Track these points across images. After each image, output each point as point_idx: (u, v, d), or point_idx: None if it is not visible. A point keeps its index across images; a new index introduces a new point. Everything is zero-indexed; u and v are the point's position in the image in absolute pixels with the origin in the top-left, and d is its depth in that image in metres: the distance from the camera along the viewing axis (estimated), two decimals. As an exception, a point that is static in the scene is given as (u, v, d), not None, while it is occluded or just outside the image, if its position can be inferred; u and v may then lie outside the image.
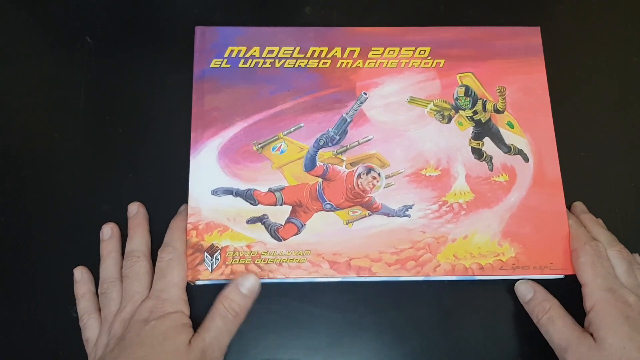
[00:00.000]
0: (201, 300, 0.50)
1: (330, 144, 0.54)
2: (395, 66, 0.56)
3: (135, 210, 0.53)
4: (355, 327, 0.52)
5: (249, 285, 0.49)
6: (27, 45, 0.60)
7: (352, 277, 0.51)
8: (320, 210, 0.52)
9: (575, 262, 0.50)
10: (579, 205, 0.55)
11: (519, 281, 0.52)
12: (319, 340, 0.52)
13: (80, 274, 0.52)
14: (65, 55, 0.59)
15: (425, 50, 0.57)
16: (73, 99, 0.58)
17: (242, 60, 0.56)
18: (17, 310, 0.52)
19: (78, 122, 0.57)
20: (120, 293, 0.49)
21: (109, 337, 0.47)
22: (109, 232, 0.52)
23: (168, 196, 0.54)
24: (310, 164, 0.53)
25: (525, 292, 0.51)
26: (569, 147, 0.56)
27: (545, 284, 0.52)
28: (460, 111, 0.55)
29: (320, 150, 0.54)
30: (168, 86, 0.58)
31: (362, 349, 0.52)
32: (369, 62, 0.56)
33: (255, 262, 0.50)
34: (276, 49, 0.56)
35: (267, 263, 0.50)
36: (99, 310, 0.50)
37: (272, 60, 0.56)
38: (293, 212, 0.52)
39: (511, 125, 0.55)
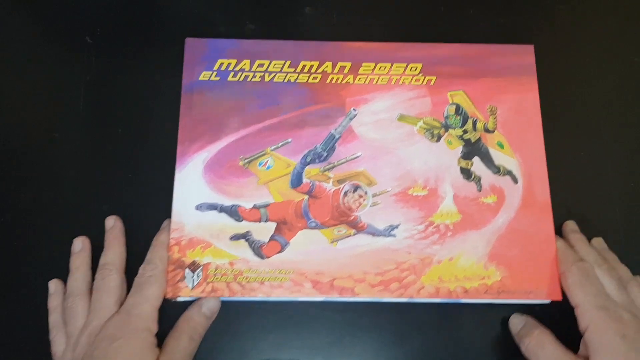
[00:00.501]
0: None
1: (317, 161, 0.53)
2: (385, 82, 0.56)
3: (112, 224, 0.52)
4: (355, 327, 0.52)
5: (211, 307, 0.50)
6: (27, 45, 0.59)
7: (335, 298, 0.50)
8: (305, 228, 0.52)
9: (565, 285, 0.49)
10: (569, 224, 0.54)
11: (512, 315, 0.51)
12: (319, 340, 0.52)
13: (54, 287, 0.51)
14: (65, 55, 0.59)
15: (416, 67, 0.56)
16: (73, 99, 0.57)
17: (232, 73, 0.55)
18: (13, 309, 0.52)
19: (78, 122, 0.57)
20: (86, 307, 0.48)
21: (74, 356, 0.46)
22: (79, 245, 0.52)
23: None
24: (296, 181, 0.53)
25: (517, 323, 0.51)
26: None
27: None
28: (450, 130, 0.54)
29: (307, 167, 0.53)
30: (165, 90, 0.57)
31: (362, 349, 0.52)
32: (360, 78, 0.55)
33: (237, 280, 0.50)
34: (266, 62, 0.56)
35: (249, 281, 0.50)
36: None
37: (262, 74, 0.55)
38: (277, 229, 0.52)
39: (501, 146, 0.54)
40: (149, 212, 0.53)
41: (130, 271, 0.50)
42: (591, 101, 0.59)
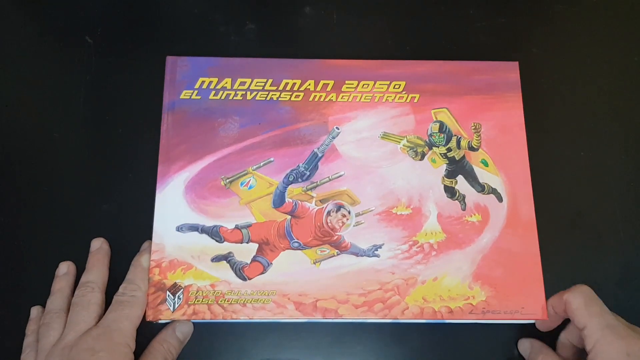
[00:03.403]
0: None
1: (300, 180, 0.53)
2: (369, 100, 0.55)
3: (98, 246, 0.52)
4: (355, 327, 0.52)
5: (185, 331, 0.50)
6: (27, 45, 0.59)
7: (318, 319, 0.49)
8: (288, 249, 0.51)
9: (569, 310, 0.47)
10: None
11: (520, 340, 0.51)
12: (319, 340, 0.52)
13: (36, 312, 0.50)
14: (65, 55, 0.59)
15: (400, 85, 0.55)
16: (73, 99, 0.57)
17: (213, 92, 0.55)
18: (10, 306, 0.52)
19: (78, 122, 0.57)
20: (62, 324, 0.47)
21: None
22: (64, 269, 0.51)
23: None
24: (279, 200, 0.52)
25: (525, 349, 0.51)
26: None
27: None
28: (433, 148, 0.54)
29: (289, 186, 0.52)
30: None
31: (362, 349, 0.51)
32: (343, 96, 0.55)
33: (219, 302, 0.49)
34: (248, 80, 0.55)
35: (230, 303, 0.49)
36: None
37: (244, 92, 0.55)
38: (259, 250, 0.51)
39: (485, 164, 0.54)
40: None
41: (109, 291, 0.50)
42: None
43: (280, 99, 0.55)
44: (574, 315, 0.47)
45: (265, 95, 0.55)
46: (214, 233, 0.51)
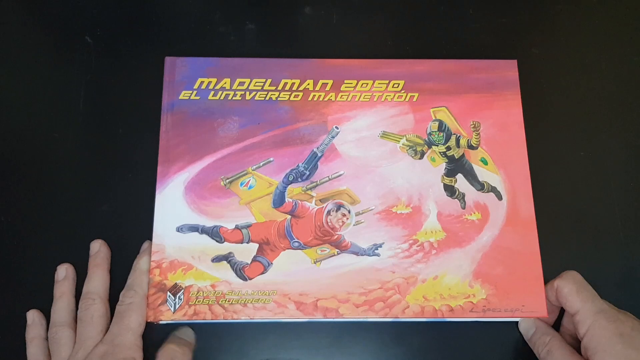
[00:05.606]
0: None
1: (300, 180, 0.53)
2: (368, 99, 0.55)
3: (97, 249, 0.51)
4: (355, 327, 0.52)
5: (187, 337, 0.50)
6: (27, 45, 0.59)
7: (319, 319, 0.49)
8: (288, 249, 0.51)
9: (561, 296, 0.48)
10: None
11: (521, 319, 0.51)
12: (319, 340, 0.52)
13: (32, 318, 0.50)
14: (65, 55, 0.59)
15: (399, 84, 0.55)
16: (73, 99, 0.57)
17: (212, 92, 0.55)
18: (9, 307, 0.52)
19: (78, 122, 0.57)
20: (71, 337, 0.48)
21: None
22: (63, 273, 0.51)
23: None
24: (279, 200, 0.52)
25: (528, 328, 0.51)
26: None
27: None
28: (433, 147, 0.54)
29: (289, 186, 0.52)
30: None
31: (362, 349, 0.52)
32: (342, 95, 0.55)
33: (220, 302, 0.49)
34: (247, 80, 0.55)
35: (231, 303, 0.49)
36: (48, 355, 0.48)
37: (243, 92, 0.55)
38: (260, 250, 0.51)
39: (485, 162, 0.54)
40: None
41: (112, 295, 0.50)
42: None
43: (279, 98, 0.55)
44: (565, 301, 0.48)
45: (265, 95, 0.55)
46: (214, 233, 0.51)
